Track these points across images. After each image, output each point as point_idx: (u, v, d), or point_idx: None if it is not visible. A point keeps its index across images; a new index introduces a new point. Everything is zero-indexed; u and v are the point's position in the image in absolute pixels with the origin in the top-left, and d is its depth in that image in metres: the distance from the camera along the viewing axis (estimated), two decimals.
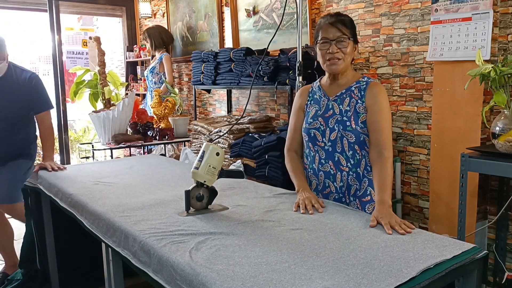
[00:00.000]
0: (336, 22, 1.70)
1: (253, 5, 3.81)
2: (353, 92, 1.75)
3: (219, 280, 1.05)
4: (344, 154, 1.74)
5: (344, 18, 1.73)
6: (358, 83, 1.76)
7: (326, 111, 1.78)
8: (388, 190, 1.57)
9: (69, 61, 5.30)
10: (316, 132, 1.79)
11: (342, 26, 1.70)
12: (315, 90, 1.86)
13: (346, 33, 1.70)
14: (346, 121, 1.72)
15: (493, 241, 2.39)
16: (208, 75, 3.87)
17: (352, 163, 1.73)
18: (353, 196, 1.75)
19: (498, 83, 1.90)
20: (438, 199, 2.52)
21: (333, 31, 1.70)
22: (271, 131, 3.50)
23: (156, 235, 1.36)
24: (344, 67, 1.74)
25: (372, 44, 2.89)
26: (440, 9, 2.42)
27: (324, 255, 1.19)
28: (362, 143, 1.71)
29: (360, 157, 1.73)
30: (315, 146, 1.80)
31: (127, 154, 4.69)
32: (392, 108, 2.81)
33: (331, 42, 1.70)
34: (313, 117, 1.80)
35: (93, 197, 1.84)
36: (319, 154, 1.79)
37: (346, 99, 1.75)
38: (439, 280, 1.10)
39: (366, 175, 1.73)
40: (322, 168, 1.79)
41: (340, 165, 1.75)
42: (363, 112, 1.71)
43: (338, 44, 1.70)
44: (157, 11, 5.39)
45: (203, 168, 1.56)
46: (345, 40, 1.70)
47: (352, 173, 1.74)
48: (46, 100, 2.72)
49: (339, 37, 1.69)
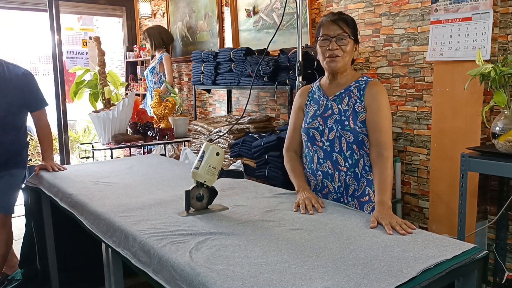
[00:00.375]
0: (338, 20, 1.71)
1: (253, 5, 3.81)
2: (352, 91, 1.75)
3: (219, 280, 1.05)
4: (342, 154, 1.73)
5: (346, 17, 1.74)
6: (357, 83, 1.75)
7: (325, 110, 1.78)
8: (388, 191, 1.57)
9: (69, 61, 5.29)
10: (315, 132, 1.79)
11: (343, 24, 1.70)
12: (315, 90, 1.86)
13: (346, 31, 1.70)
14: (345, 121, 1.72)
15: (493, 241, 2.39)
16: (208, 75, 3.87)
17: (350, 163, 1.73)
18: (351, 196, 1.75)
19: (498, 83, 1.90)
20: (438, 199, 2.52)
21: (334, 28, 1.70)
22: (271, 131, 3.50)
23: (156, 235, 1.36)
24: (343, 65, 1.73)
25: (372, 44, 2.89)
26: (440, 9, 2.42)
27: (324, 255, 1.19)
28: (360, 143, 1.71)
29: (358, 157, 1.72)
30: (313, 146, 1.80)
31: (127, 154, 4.69)
32: (392, 108, 2.80)
33: (331, 39, 1.70)
34: (312, 116, 1.80)
35: (93, 197, 1.84)
36: (318, 154, 1.79)
37: (345, 98, 1.75)
38: (439, 280, 1.10)
39: (364, 175, 1.73)
40: (321, 168, 1.79)
41: (338, 165, 1.75)
42: (362, 111, 1.71)
43: (338, 42, 1.70)
44: (157, 11, 5.39)
45: (203, 168, 1.56)
46: (346, 38, 1.70)
47: (350, 173, 1.74)
48: (41, 98, 2.64)
49: (339, 34, 1.69)
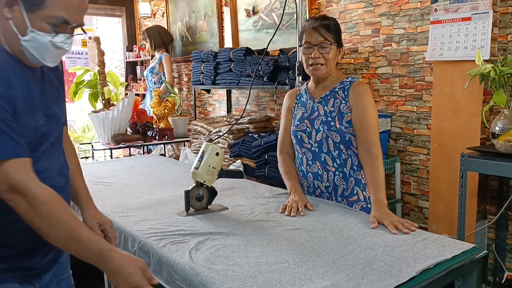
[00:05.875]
0: (319, 27, 1.71)
1: (253, 5, 3.81)
2: (337, 93, 1.76)
3: (219, 280, 1.05)
4: (330, 154, 1.75)
5: (328, 22, 1.73)
6: (342, 84, 1.77)
7: (312, 113, 1.80)
8: (383, 189, 1.58)
9: (68, 61, 5.30)
10: (302, 134, 1.80)
11: (325, 31, 1.70)
12: (302, 93, 1.88)
13: (328, 39, 1.70)
14: (331, 121, 1.73)
15: (493, 241, 2.39)
16: (207, 75, 3.87)
17: (338, 163, 1.74)
18: (341, 196, 1.75)
19: (498, 83, 1.90)
20: (437, 199, 2.52)
21: (315, 36, 1.71)
22: (270, 131, 3.50)
23: (156, 235, 1.36)
24: (326, 72, 1.75)
25: (371, 44, 2.89)
26: (439, 9, 2.42)
27: (324, 255, 1.19)
28: (347, 142, 1.72)
29: (346, 157, 1.73)
30: (302, 148, 1.82)
31: (127, 154, 4.68)
32: (392, 108, 2.81)
33: (314, 47, 1.71)
34: (300, 119, 1.82)
35: (93, 197, 1.82)
36: (306, 156, 1.81)
37: (331, 100, 1.76)
38: (439, 280, 1.10)
39: (352, 174, 1.74)
40: (310, 169, 1.80)
41: (326, 165, 1.76)
42: (347, 112, 1.72)
43: (321, 50, 1.71)
44: (157, 11, 5.39)
45: (202, 168, 1.56)
46: (327, 46, 1.70)
47: (338, 173, 1.75)
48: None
49: (321, 42, 1.70)
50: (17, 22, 1.04)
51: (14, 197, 0.99)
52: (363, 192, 1.72)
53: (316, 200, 1.72)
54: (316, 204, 1.65)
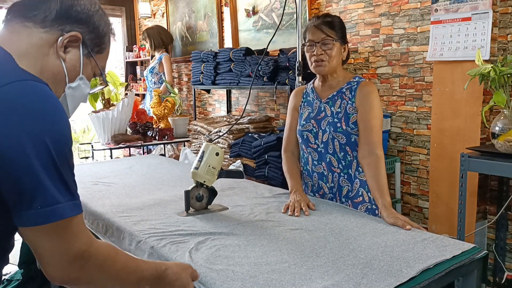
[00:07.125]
0: (322, 24, 1.71)
1: (253, 5, 3.81)
2: (344, 93, 1.76)
3: (219, 280, 1.05)
4: (336, 156, 1.75)
5: (331, 19, 1.74)
6: (349, 84, 1.77)
7: (319, 113, 1.79)
8: (387, 191, 1.59)
9: None
10: (308, 134, 1.80)
11: (327, 29, 1.71)
12: (309, 92, 1.88)
13: (331, 35, 1.71)
14: (337, 123, 1.73)
15: (493, 241, 2.39)
16: (207, 75, 3.87)
17: (343, 164, 1.74)
18: (345, 197, 1.75)
19: (498, 83, 1.91)
20: (437, 199, 2.52)
21: (318, 33, 1.71)
22: (270, 131, 3.50)
23: (156, 235, 1.36)
24: (329, 69, 1.75)
25: (371, 44, 2.89)
26: (439, 9, 2.42)
27: (324, 255, 1.19)
28: (353, 144, 1.72)
29: (351, 159, 1.74)
30: (307, 148, 1.82)
31: (127, 154, 4.68)
32: (392, 108, 2.81)
33: (316, 44, 1.71)
34: (306, 119, 1.82)
35: (93, 197, 1.84)
36: (312, 156, 1.81)
37: (338, 101, 1.76)
38: (439, 280, 1.10)
39: (357, 176, 1.74)
40: (316, 169, 1.80)
41: (332, 166, 1.76)
42: (353, 112, 1.72)
43: (323, 47, 1.71)
44: (157, 11, 5.39)
45: (202, 168, 1.56)
46: (330, 42, 1.70)
47: (343, 175, 1.75)
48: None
49: (323, 39, 1.70)
50: (69, 65, 0.90)
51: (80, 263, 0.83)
52: (368, 193, 1.72)
53: (316, 200, 1.72)
54: (316, 204, 1.65)
